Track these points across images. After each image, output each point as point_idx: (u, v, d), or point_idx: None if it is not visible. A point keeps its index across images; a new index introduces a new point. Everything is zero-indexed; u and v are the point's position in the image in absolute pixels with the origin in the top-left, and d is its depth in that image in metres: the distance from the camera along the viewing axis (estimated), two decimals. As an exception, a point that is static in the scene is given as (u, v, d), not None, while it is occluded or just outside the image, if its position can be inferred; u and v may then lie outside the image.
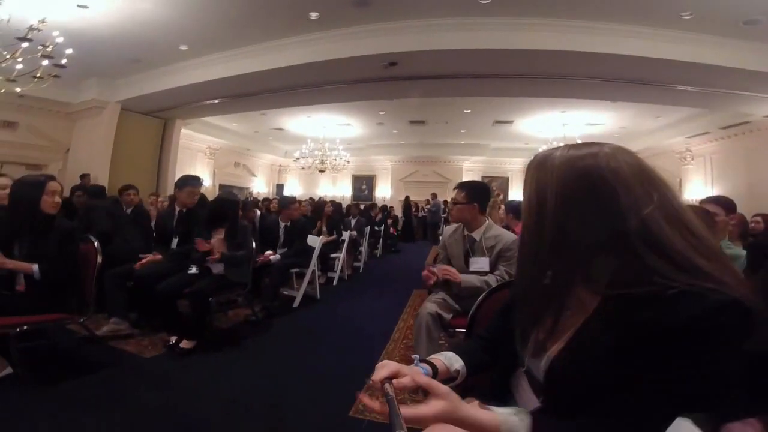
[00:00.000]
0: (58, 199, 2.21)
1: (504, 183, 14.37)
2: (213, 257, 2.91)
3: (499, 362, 0.93)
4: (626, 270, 0.63)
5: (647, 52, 4.65)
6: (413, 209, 13.12)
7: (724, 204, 2.22)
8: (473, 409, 0.69)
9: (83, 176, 7.07)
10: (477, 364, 0.93)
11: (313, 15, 4.80)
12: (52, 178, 2.26)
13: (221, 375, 2.40)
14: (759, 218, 4.12)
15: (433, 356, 0.92)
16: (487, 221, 2.31)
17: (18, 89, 4.67)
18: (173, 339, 2.76)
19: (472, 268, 2.24)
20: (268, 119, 10.68)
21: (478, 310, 1.49)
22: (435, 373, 0.86)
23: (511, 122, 10.02)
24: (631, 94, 6.18)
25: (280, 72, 5.68)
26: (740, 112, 7.03)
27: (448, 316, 2.16)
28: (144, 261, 3.12)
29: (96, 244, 2.35)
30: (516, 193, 14.24)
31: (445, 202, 12.61)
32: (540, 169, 0.73)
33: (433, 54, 4.91)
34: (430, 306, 2.16)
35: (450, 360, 0.90)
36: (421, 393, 0.75)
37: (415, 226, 13.00)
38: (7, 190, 2.31)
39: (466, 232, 2.31)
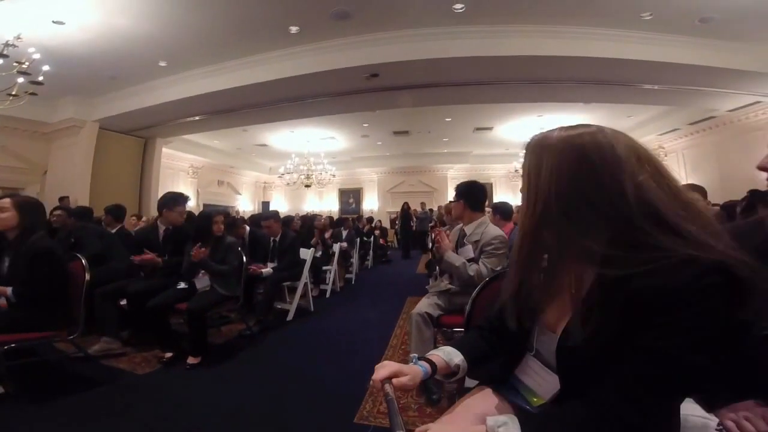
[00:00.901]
0: (3, 214, 2.12)
1: (487, 189, 14.56)
2: (196, 256, 2.86)
3: (501, 351, 0.94)
4: (623, 240, 0.65)
5: (613, 53, 4.86)
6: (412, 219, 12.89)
7: (699, 191, 2.39)
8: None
9: (62, 198, 6.85)
10: (477, 355, 0.93)
11: (293, 29, 4.85)
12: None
13: (219, 388, 2.34)
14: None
15: (431, 352, 0.92)
16: (481, 218, 2.49)
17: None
18: (167, 355, 2.69)
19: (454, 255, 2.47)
20: (250, 135, 10.63)
21: (474, 306, 1.52)
22: (434, 370, 0.87)
23: (491, 129, 10.26)
24: (603, 95, 6.41)
25: (262, 87, 5.70)
26: (706, 108, 7.36)
27: (437, 313, 2.29)
28: (146, 257, 3.04)
29: (84, 262, 2.29)
30: (500, 197, 14.47)
31: (431, 210, 12.71)
32: (538, 149, 0.76)
33: (412, 64, 5.01)
34: (419, 307, 2.30)
35: (449, 355, 0.91)
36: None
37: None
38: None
39: (462, 226, 2.54)
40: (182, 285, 2.95)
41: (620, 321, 0.63)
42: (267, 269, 3.97)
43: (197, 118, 7.37)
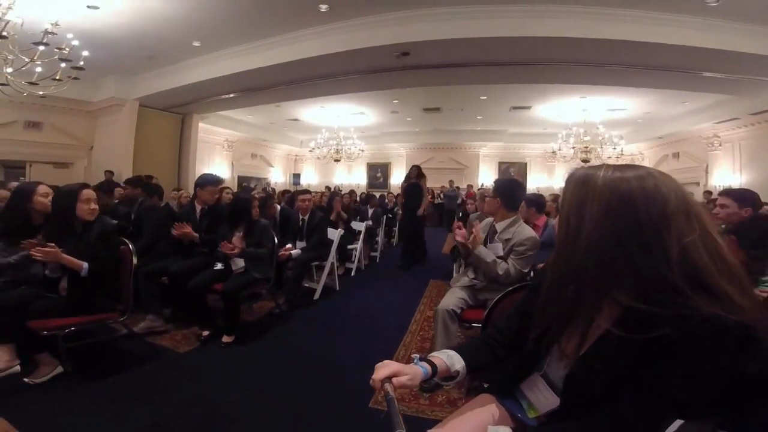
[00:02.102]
0: (93, 205, 2.31)
1: (522, 168, 14.12)
2: (233, 251, 3.03)
3: (509, 364, 0.97)
4: (651, 295, 0.65)
5: (672, 39, 4.45)
6: (432, 195, 12.81)
7: (738, 197, 2.24)
8: None
9: (107, 172, 7.32)
10: (478, 364, 0.96)
11: (323, 7, 4.76)
12: (85, 186, 2.38)
13: (249, 366, 2.52)
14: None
15: (434, 354, 0.94)
16: (514, 217, 2.46)
17: (40, 93, 4.82)
18: (205, 333, 2.91)
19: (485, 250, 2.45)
20: (282, 110, 10.73)
21: (495, 308, 1.54)
22: (434, 372, 0.89)
23: (528, 108, 9.78)
24: (656, 81, 5.92)
25: (292, 65, 5.69)
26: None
27: (460, 309, 2.32)
28: (185, 230, 3.19)
29: (130, 246, 2.47)
30: (535, 178, 13.99)
31: (458, 188, 12.53)
32: (582, 188, 0.73)
33: (445, 43, 4.81)
34: (446, 303, 2.30)
35: (452, 359, 0.92)
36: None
37: (430, 213, 12.90)
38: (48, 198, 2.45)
39: (494, 222, 2.51)
40: (219, 266, 3.14)
41: (631, 361, 0.67)
42: (296, 251, 4.10)
43: (231, 95, 7.52)
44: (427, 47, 4.96)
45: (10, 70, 4.27)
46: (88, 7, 4.67)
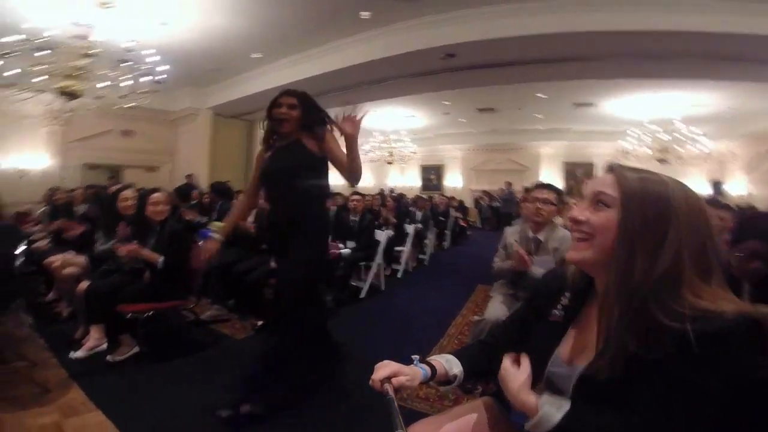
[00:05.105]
0: (161, 207, 2.63)
1: (589, 170, 13.14)
2: None
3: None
4: (666, 294, 0.66)
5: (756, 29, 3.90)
6: (487, 199, 12.42)
7: None
8: (527, 390, 0.77)
9: (188, 176, 8.18)
10: (475, 369, 0.96)
11: (364, 14, 4.92)
12: (154, 191, 2.73)
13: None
14: None
15: (434, 357, 0.95)
16: (552, 222, 2.28)
17: (128, 105, 5.57)
18: (259, 322, 3.19)
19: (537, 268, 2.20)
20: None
21: None
22: (433, 375, 0.90)
23: (592, 105, 9.09)
24: (745, 73, 5.21)
25: (339, 73, 5.96)
26: None
27: None
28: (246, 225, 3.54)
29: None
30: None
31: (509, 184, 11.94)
32: (654, 191, 0.71)
33: (493, 42, 4.69)
34: (493, 312, 2.15)
35: (450, 363, 0.93)
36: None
37: (488, 216, 12.56)
38: (129, 201, 2.87)
39: (531, 234, 2.29)
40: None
41: (658, 361, 0.64)
42: (346, 250, 4.28)
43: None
44: (472, 48, 4.88)
45: (102, 84, 5.00)
46: (161, 24, 5.30)
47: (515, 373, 0.79)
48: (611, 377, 0.68)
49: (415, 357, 0.91)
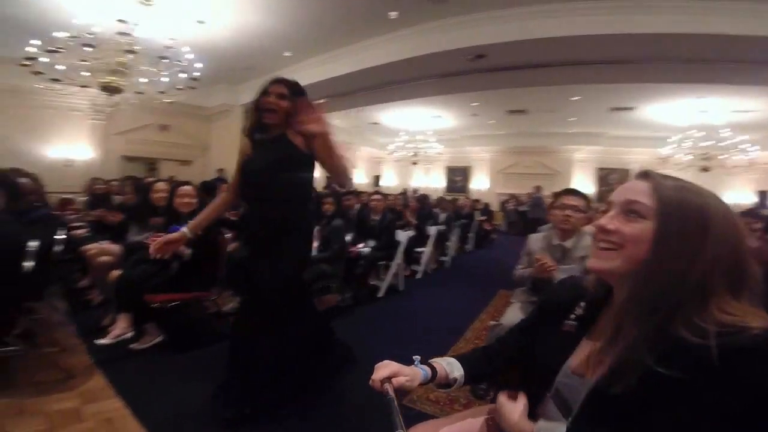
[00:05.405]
0: (187, 200, 2.72)
1: (624, 176, 12.58)
2: None
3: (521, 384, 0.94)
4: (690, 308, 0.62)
5: None
6: (515, 202, 12.14)
7: None
8: (525, 420, 0.78)
9: (219, 170, 8.49)
10: (476, 374, 0.95)
11: (392, 15, 4.92)
12: (183, 183, 2.84)
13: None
14: None
15: (435, 360, 0.94)
16: (580, 230, 2.19)
17: (166, 100, 5.83)
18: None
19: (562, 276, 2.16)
20: (364, 114, 11.21)
21: None
22: (434, 376, 0.89)
23: (631, 109, 8.71)
24: None
25: (366, 72, 5.99)
26: None
27: None
28: None
29: (227, 237, 2.89)
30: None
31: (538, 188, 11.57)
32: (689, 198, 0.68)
33: (526, 44, 4.57)
34: (514, 317, 2.10)
35: (451, 366, 0.92)
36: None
37: (515, 220, 12.27)
38: (162, 193, 2.99)
39: (556, 241, 2.21)
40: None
41: (676, 378, 0.60)
42: (366, 249, 4.31)
43: (319, 101, 8.13)
44: (503, 49, 4.78)
45: (143, 80, 5.25)
46: (197, 21, 5.51)
47: (512, 405, 0.78)
48: (625, 392, 0.64)
49: (416, 358, 0.91)
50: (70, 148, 8.20)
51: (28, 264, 1.88)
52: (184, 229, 2.01)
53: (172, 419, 1.82)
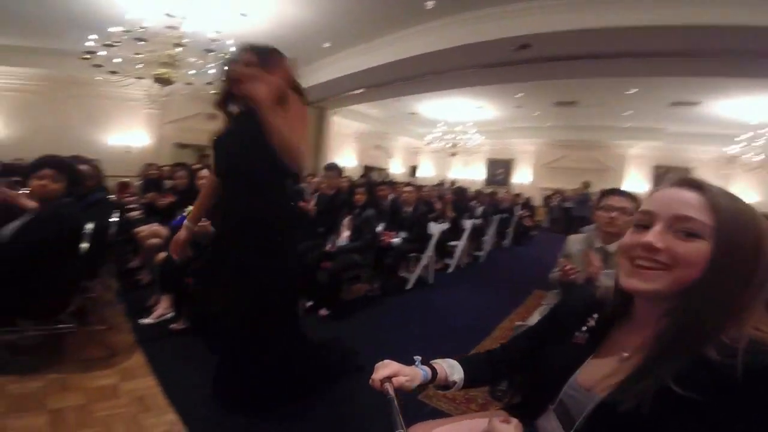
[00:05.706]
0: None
1: (684, 175, 11.42)
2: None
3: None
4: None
5: None
6: (559, 198, 11.55)
7: None
8: None
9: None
10: (476, 378, 0.94)
11: (429, 4, 4.81)
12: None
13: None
14: None
15: (436, 361, 0.93)
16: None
17: (213, 91, 6.12)
18: (308, 303, 3.35)
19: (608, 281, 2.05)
20: (402, 104, 11.11)
21: None
22: (434, 377, 0.89)
23: (696, 104, 7.95)
24: None
25: (403, 63, 5.92)
26: None
27: None
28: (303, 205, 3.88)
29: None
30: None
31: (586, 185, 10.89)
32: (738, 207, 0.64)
33: (574, 34, 4.27)
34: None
35: (452, 368, 0.91)
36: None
37: (558, 217, 11.69)
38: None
39: (598, 244, 2.06)
40: (328, 247, 3.58)
41: (695, 399, 0.56)
42: (397, 239, 4.31)
43: (356, 91, 8.20)
44: (552, 39, 4.50)
45: (192, 72, 5.52)
46: (241, 14, 5.68)
47: (505, 428, 0.76)
48: (635, 410, 0.61)
49: (417, 358, 0.91)
50: (128, 135, 8.89)
51: (84, 245, 2.02)
52: (187, 223, 1.91)
53: (200, 401, 1.84)
